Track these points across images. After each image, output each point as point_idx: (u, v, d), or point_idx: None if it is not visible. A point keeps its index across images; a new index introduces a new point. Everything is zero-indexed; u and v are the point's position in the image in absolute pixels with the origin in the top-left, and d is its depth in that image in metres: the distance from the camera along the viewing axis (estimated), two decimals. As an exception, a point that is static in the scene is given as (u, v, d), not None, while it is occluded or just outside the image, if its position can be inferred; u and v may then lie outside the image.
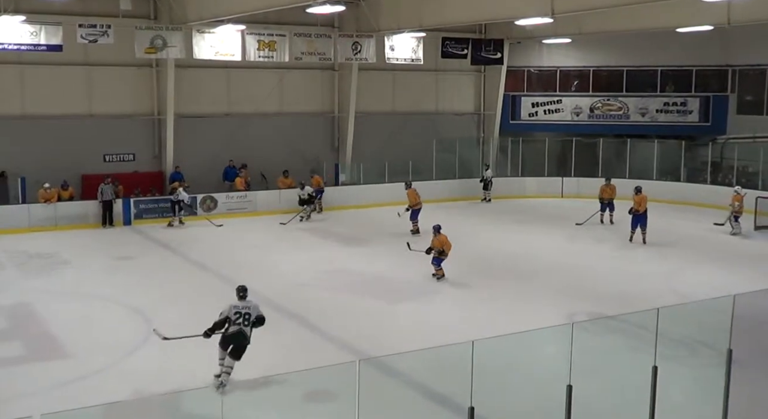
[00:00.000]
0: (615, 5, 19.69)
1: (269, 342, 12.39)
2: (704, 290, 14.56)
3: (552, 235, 21.88)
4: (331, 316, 13.84)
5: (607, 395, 10.48)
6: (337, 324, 13.33)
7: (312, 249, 19.85)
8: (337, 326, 13.12)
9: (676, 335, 11.44)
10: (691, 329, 11.08)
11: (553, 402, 7.92)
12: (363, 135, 28.45)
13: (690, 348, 11.88)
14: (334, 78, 28.43)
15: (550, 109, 31.66)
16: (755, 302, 12.18)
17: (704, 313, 11.04)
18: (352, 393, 6.86)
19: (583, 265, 18.47)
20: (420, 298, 15.55)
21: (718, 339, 8.92)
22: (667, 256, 19.40)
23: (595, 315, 13.33)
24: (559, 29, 26.63)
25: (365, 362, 7.36)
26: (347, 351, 12.25)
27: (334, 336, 12.71)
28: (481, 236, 22.00)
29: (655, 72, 30.95)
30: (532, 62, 31.94)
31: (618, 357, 11.47)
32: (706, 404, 9.15)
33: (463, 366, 7.14)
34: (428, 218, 24.59)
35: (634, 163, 28.91)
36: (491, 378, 9.60)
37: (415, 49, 27.38)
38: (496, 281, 16.83)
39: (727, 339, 8.65)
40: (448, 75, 30.76)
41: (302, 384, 10.50)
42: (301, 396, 10.08)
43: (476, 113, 31.95)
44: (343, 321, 13.32)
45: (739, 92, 30.25)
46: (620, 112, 31.05)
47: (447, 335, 11.65)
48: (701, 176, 28.46)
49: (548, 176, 29.32)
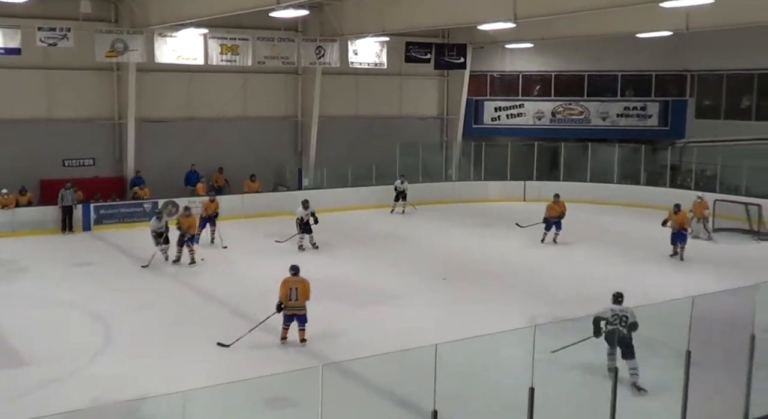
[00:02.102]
0: (576, 11, 19.87)
1: (232, 347, 12.35)
2: (664, 292, 14.75)
3: (515, 238, 22.03)
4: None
5: (568, 397, 10.57)
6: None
7: (275, 254, 19.75)
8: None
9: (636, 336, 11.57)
10: (651, 330, 11.21)
11: (515, 405, 7.96)
12: (326, 139, 28.43)
13: (650, 349, 12.02)
14: (298, 82, 28.38)
15: (512, 113, 31.90)
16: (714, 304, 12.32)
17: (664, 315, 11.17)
18: (315, 398, 6.84)
19: (545, 268, 18.64)
20: (384, 302, 15.55)
21: (677, 340, 9.04)
22: (627, 258, 19.63)
23: (557, 317, 13.44)
24: (522, 34, 26.86)
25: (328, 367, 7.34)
26: (311, 356, 12.23)
27: (297, 341, 12.67)
28: (445, 239, 22.09)
29: (616, 77, 31.34)
30: (495, 67, 32.17)
31: (579, 359, 11.58)
32: (665, 404, 9.27)
33: (426, 370, 7.16)
34: (389, 222, 24.75)
35: (595, 167, 29.25)
36: (455, 381, 9.63)
37: (378, 54, 27.42)
38: (460, 285, 16.91)
39: (686, 340, 8.77)
40: (412, 79, 30.86)
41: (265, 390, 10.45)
42: (264, 402, 10.03)
43: (439, 117, 32.10)
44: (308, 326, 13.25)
45: (697, 97, 30.75)
46: (581, 116, 31.39)
47: (411, 338, 11.65)
48: (661, 180, 28.87)
49: (511, 179, 29.51)
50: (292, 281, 12.73)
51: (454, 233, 23.10)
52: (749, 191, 25.17)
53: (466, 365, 10.07)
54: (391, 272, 18.09)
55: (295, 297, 12.55)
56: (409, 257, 19.82)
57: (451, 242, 21.78)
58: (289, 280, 12.76)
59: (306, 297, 12.68)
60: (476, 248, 20.85)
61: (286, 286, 12.67)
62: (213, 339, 12.65)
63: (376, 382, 10.47)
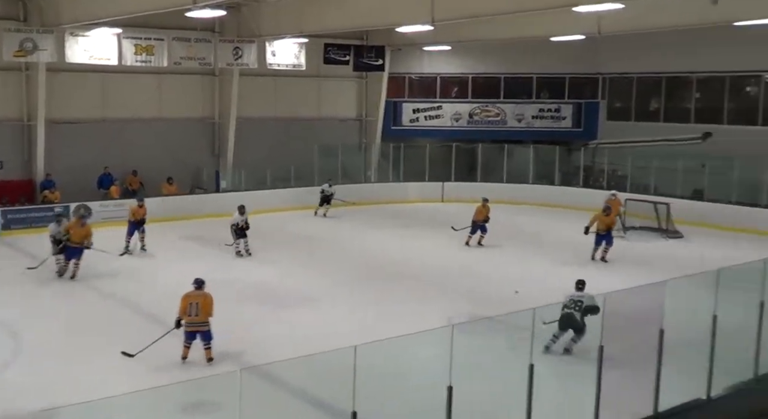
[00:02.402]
0: (492, 14, 20.19)
1: (149, 353, 12.10)
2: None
3: (433, 239, 22.24)
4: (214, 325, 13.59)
5: (486, 394, 10.72)
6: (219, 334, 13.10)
7: (194, 258, 19.46)
8: (221, 335, 12.88)
9: (551, 333, 11.83)
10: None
11: (434, 404, 8.03)
12: (244, 141, 28.14)
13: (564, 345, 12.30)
14: (215, 83, 28.02)
15: (430, 115, 32.20)
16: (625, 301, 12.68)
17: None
18: (234, 403, 6.77)
19: (463, 268, 18.88)
20: (304, 304, 15.50)
21: (590, 336, 9.27)
22: (542, 257, 20.03)
23: (474, 316, 13.61)
24: (439, 37, 27.12)
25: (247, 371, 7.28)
26: (230, 360, 12.08)
27: (217, 345, 12.50)
28: (364, 241, 22.14)
29: (531, 79, 31.98)
30: (413, 69, 32.43)
31: (497, 357, 11.76)
32: (579, 398, 9.49)
33: (346, 371, 7.16)
34: (309, 224, 24.66)
35: (512, 167, 29.78)
36: (374, 383, 9.65)
37: (297, 55, 27.33)
38: (379, 286, 16.98)
39: (599, 336, 9.00)
40: (331, 81, 30.84)
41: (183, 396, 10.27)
42: (182, 409, 9.86)
43: (358, 119, 32.15)
44: (227, 330, 13.11)
45: (609, 99, 31.65)
46: (498, 118, 31.91)
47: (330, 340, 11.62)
48: (574, 180, 29.59)
49: (429, 181, 29.78)
50: (193, 295, 11.97)
51: (373, 234, 23.17)
52: (658, 190, 26.03)
53: (385, 365, 10.11)
54: (311, 274, 18.03)
55: (196, 312, 11.76)
56: (329, 259, 19.80)
57: (371, 243, 21.84)
58: (190, 294, 12.00)
59: (208, 313, 11.84)
60: (396, 250, 20.96)
61: (186, 300, 11.90)
62: (126, 346, 12.36)
63: (296, 385, 10.41)
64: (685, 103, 29.51)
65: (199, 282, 12.17)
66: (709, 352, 9.86)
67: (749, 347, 10.50)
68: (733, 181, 24.58)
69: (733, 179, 24.57)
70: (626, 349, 10.09)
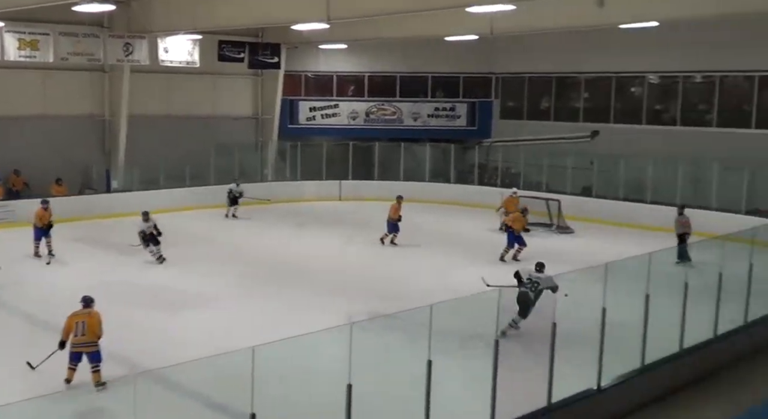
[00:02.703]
0: (387, 13, 20.33)
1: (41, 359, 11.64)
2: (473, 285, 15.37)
3: (331, 237, 22.24)
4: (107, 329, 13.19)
5: (386, 391, 10.80)
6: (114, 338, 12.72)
7: (85, 260, 18.87)
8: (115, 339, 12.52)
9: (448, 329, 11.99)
10: (462, 323, 11.65)
11: (334, 403, 8.04)
12: (137, 139, 27.35)
13: (461, 340, 12.50)
14: (105, 80, 27.13)
15: (327, 113, 32.17)
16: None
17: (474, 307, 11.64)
18: (129, 409, 6.60)
19: (361, 266, 18.96)
20: (200, 306, 15.24)
21: (486, 330, 9.44)
22: (438, 254, 20.31)
23: (373, 314, 13.68)
24: (335, 35, 27.13)
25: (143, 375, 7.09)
26: (125, 365, 11.75)
27: (111, 350, 12.09)
28: (262, 240, 21.96)
29: (426, 78, 32.35)
30: (310, 67, 32.32)
31: (396, 354, 11.86)
32: (476, 392, 9.65)
33: (244, 373, 7.08)
34: (204, 224, 24.24)
35: (408, 166, 30.08)
36: (273, 383, 9.59)
37: (190, 52, 26.84)
38: (278, 286, 16.86)
39: (494, 331, 9.18)
40: (226, 78, 30.39)
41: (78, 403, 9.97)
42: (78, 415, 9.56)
43: (254, 117, 31.80)
44: (121, 334, 12.76)
45: (501, 98, 32.34)
46: (394, 116, 32.16)
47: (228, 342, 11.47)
48: (469, 178, 30.14)
49: (327, 179, 29.76)
50: (80, 313, 11.16)
51: (271, 233, 22.99)
52: (549, 187, 26.80)
53: (284, 366, 10.05)
54: (207, 275, 17.75)
55: (82, 332, 10.94)
56: (225, 259, 19.54)
57: (269, 243, 21.67)
58: (77, 313, 11.18)
59: (95, 332, 10.98)
60: (294, 249, 20.86)
61: (72, 320, 11.08)
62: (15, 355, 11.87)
63: (194, 388, 10.24)
64: (575, 103, 30.46)
65: (86, 300, 11.40)
66: (599, 344, 10.21)
67: (636, 338, 10.93)
68: (620, 178, 25.53)
69: (620, 176, 25.52)
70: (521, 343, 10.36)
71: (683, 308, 11.55)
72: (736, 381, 11.83)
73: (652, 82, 28.31)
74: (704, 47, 25.36)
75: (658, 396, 10.97)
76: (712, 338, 12.27)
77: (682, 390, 11.30)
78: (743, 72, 25.65)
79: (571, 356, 10.35)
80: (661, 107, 28.39)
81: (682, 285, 11.68)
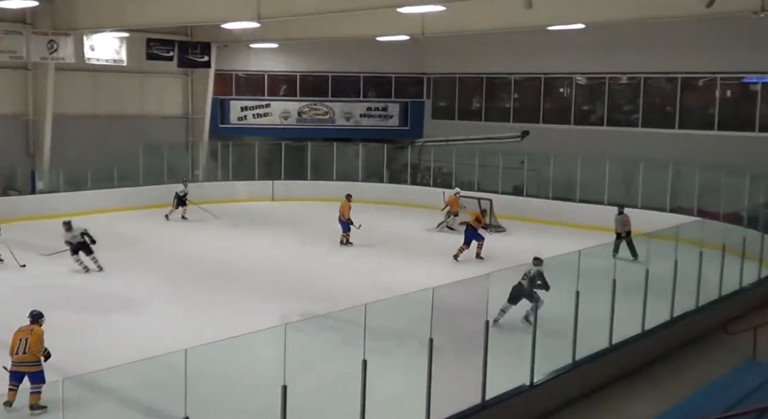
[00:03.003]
0: (318, 13, 20.26)
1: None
2: (407, 284, 15.43)
3: (264, 238, 22.06)
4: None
5: (321, 392, 10.76)
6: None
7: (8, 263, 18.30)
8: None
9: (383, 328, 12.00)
10: (397, 322, 11.67)
11: (269, 404, 7.96)
12: (62, 139, 26.67)
13: (396, 339, 12.53)
14: (28, 78, 26.39)
15: (259, 113, 31.89)
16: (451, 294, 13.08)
17: (408, 306, 11.67)
18: (56, 415, 6.41)
19: (294, 266, 18.84)
20: (129, 309, 14.95)
21: (420, 329, 9.47)
22: (372, 254, 20.34)
23: (307, 314, 13.60)
24: (266, 34, 26.93)
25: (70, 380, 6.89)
26: (50, 370, 11.42)
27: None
28: (193, 241, 21.65)
29: (358, 78, 32.36)
30: (240, 66, 32.01)
31: (331, 354, 11.82)
32: (411, 391, 9.68)
33: (176, 376, 6.95)
34: (133, 226, 23.78)
35: (341, 166, 30.04)
36: (207, 386, 9.45)
37: (117, 50, 26.32)
38: (210, 287, 16.64)
39: (428, 329, 9.22)
40: (155, 77, 29.87)
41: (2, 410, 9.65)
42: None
43: (185, 117, 31.34)
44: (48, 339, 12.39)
45: (433, 99, 32.55)
46: (327, 116, 32.07)
47: (160, 345, 11.28)
48: (402, 177, 30.26)
49: (259, 179, 29.51)
50: (24, 329, 10.43)
51: (202, 234, 22.69)
52: (481, 186, 27.08)
53: (218, 368, 9.92)
54: (137, 277, 17.41)
55: (24, 350, 10.17)
56: (156, 261, 19.20)
57: (201, 244, 21.37)
58: (22, 329, 10.46)
59: (38, 350, 10.21)
60: (226, 249, 20.62)
61: (16, 336, 10.34)
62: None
63: (124, 393, 10.03)
64: (505, 103, 30.85)
65: (33, 315, 10.63)
66: (531, 340, 10.35)
67: (568, 334, 11.12)
68: (550, 177, 25.95)
69: (549, 175, 25.94)
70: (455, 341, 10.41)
71: (612, 304, 11.79)
72: (663, 376, 12.13)
73: (579, 83, 28.86)
74: (629, 49, 25.99)
75: (589, 390, 11.18)
76: (640, 333, 12.55)
77: (612, 385, 11.54)
78: (666, 74, 26.33)
79: (504, 353, 10.48)
80: (588, 108, 28.97)
81: (611, 282, 11.91)
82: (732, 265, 15.32)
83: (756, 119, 24.24)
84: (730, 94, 25.81)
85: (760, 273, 16.54)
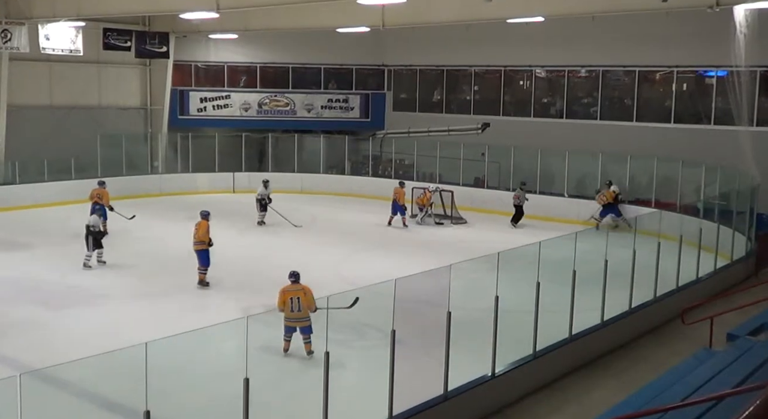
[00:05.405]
0: (278, 3, 20.18)
1: None
2: (369, 275, 15.45)
3: (225, 230, 21.85)
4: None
5: (283, 384, 10.75)
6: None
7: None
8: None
9: (345, 320, 12.01)
10: (359, 314, 11.69)
11: (231, 397, 7.93)
12: (17, 130, 26.20)
13: (358, 331, 12.57)
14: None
15: (219, 104, 31.61)
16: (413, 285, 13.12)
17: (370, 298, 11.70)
18: (13, 411, 6.31)
19: (256, 258, 18.76)
20: (88, 302, 14.76)
21: (383, 321, 9.49)
22: (333, 245, 20.30)
23: (269, 306, 13.55)
24: (226, 25, 26.68)
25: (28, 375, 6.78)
26: (6, 364, 11.26)
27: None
28: (152, 233, 21.41)
29: (319, 70, 32.23)
30: (200, 57, 31.68)
31: (293, 346, 11.81)
32: (374, 382, 9.71)
33: (137, 370, 6.88)
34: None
35: (302, 157, 29.94)
36: (168, 379, 9.39)
37: (73, 40, 25.84)
38: (169, 280, 16.50)
39: (390, 321, 9.24)
40: (112, 68, 29.43)
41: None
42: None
43: (143, 108, 30.94)
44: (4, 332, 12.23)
45: (394, 90, 32.55)
46: (287, 108, 31.90)
47: (119, 338, 11.17)
48: (363, 169, 30.26)
49: (219, 171, 29.29)
50: (291, 290, 11.77)
51: (163, 227, 22.44)
52: (442, 178, 27.16)
53: (179, 361, 9.86)
54: (95, 270, 17.20)
55: (298, 308, 11.63)
56: (116, 254, 18.93)
57: (161, 236, 21.14)
58: (288, 289, 11.80)
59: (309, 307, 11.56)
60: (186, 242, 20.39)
61: (286, 295, 11.72)
62: None
63: (84, 387, 9.92)
64: (465, 95, 30.96)
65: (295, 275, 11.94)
66: (492, 331, 10.43)
67: (529, 325, 11.22)
68: (510, 169, 26.09)
69: (510, 167, 26.09)
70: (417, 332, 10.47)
71: (572, 295, 11.92)
72: (622, 365, 12.31)
73: (539, 75, 29.06)
74: (588, 43, 26.23)
75: (549, 381, 11.31)
76: (599, 323, 12.71)
77: (572, 374, 11.69)
78: (624, 67, 26.63)
79: (466, 344, 10.55)
80: (548, 100, 29.18)
81: (571, 273, 12.04)
82: (689, 256, 15.58)
83: (712, 112, 24.61)
84: (686, 87, 26.19)
85: (716, 264, 16.84)
